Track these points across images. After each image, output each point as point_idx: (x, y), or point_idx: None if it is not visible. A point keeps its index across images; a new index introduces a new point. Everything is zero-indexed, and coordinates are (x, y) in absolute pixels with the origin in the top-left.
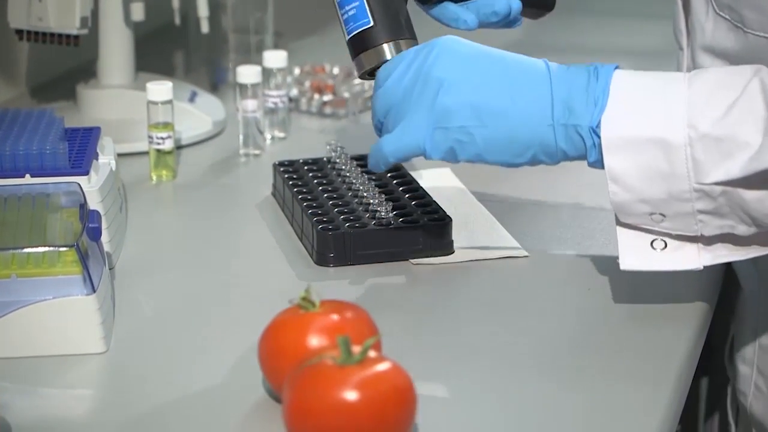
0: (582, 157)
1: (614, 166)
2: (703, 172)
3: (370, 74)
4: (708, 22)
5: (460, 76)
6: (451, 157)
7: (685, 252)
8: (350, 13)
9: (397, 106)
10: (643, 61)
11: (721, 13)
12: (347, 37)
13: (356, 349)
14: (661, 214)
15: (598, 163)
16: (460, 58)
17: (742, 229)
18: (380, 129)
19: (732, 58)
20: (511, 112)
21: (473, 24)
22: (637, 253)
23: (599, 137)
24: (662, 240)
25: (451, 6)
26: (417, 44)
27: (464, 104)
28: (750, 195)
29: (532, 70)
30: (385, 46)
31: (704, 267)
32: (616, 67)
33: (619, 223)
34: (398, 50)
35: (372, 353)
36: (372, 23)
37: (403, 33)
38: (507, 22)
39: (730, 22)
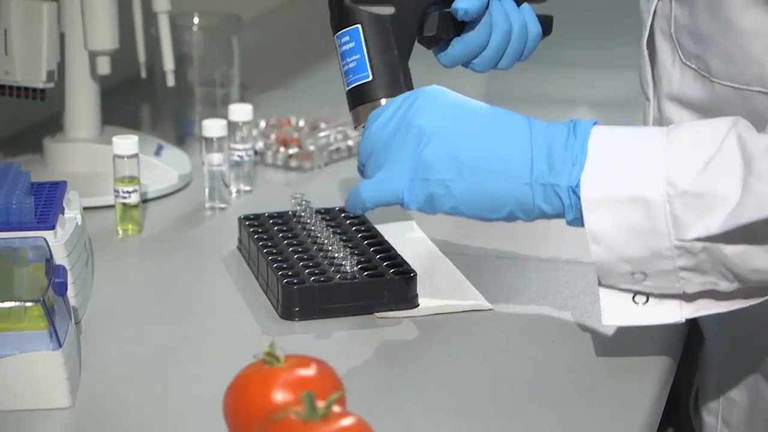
0: (560, 215)
1: (595, 226)
2: (683, 229)
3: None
4: (675, 72)
5: (441, 127)
6: (428, 208)
7: (666, 306)
8: (351, 65)
9: (378, 151)
10: (611, 111)
11: (687, 63)
12: (346, 88)
13: (321, 404)
14: (643, 273)
15: (577, 221)
16: (443, 109)
17: (724, 286)
18: (362, 172)
19: (698, 108)
20: (490, 168)
21: (449, 64)
22: (619, 308)
23: (578, 197)
24: (644, 294)
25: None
26: None
27: (444, 157)
28: (731, 250)
29: (513, 125)
30: (383, 101)
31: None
32: (595, 123)
33: (601, 282)
34: None
35: (336, 408)
36: (371, 78)
37: (401, 89)
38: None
39: (697, 71)
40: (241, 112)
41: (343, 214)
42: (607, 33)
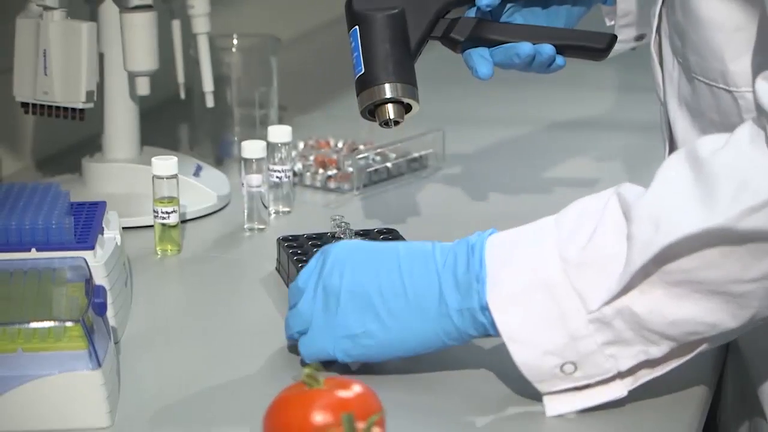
0: (487, 334)
1: (507, 325)
2: (588, 300)
3: (370, 113)
4: (674, 71)
5: (352, 284)
6: (365, 360)
7: (608, 386)
8: (354, 60)
9: (301, 308)
10: (634, 134)
11: (678, 59)
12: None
13: (360, 425)
14: (572, 363)
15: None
16: (351, 265)
17: (654, 351)
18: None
19: (690, 107)
20: (407, 309)
21: (485, 75)
22: (562, 398)
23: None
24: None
25: (474, 53)
26: (409, 87)
27: (361, 312)
28: (640, 308)
29: (421, 262)
30: (375, 89)
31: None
32: (493, 233)
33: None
34: (382, 93)
35: (376, 430)
36: (363, 71)
37: (390, 79)
38: (540, 64)
39: (681, 67)
40: (280, 133)
41: (381, 236)
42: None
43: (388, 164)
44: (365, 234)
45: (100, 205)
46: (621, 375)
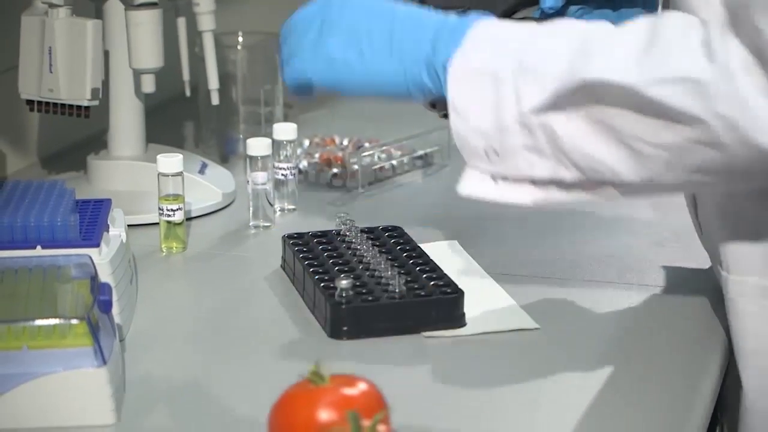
0: (440, 91)
1: (454, 96)
2: (522, 102)
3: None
4: None
5: (348, 20)
6: (335, 87)
7: (519, 188)
8: None
9: (292, 38)
10: None
11: None
12: None
13: (366, 423)
14: (495, 151)
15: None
16: (352, 4)
17: (564, 173)
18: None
19: None
20: (388, 49)
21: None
22: (476, 183)
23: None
24: (501, 178)
25: None
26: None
27: (348, 43)
28: (560, 130)
29: (410, 16)
30: None
31: None
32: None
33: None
34: None
35: (381, 428)
36: None
37: None
38: None
39: None
40: (285, 130)
41: (387, 234)
42: None
43: (394, 162)
44: (370, 231)
45: (105, 203)
46: (534, 183)
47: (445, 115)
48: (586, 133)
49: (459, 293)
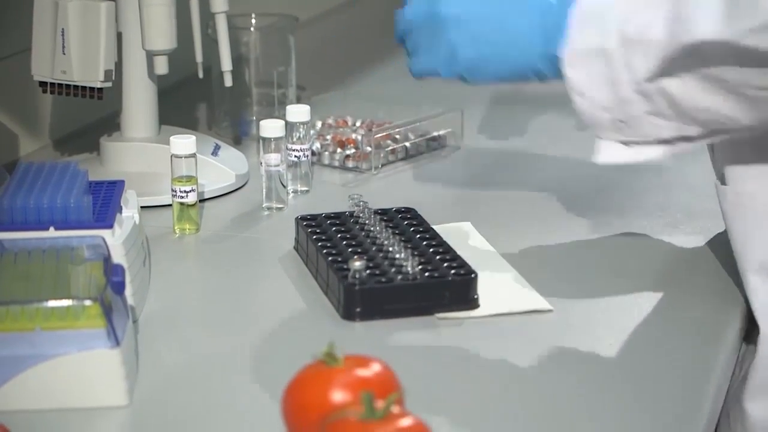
0: (557, 75)
1: (571, 78)
2: (635, 72)
3: None
4: None
5: (460, 13)
6: (462, 78)
7: (650, 147)
8: None
9: (415, 34)
10: None
11: None
12: None
13: (379, 404)
14: (622, 121)
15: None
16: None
17: (688, 130)
18: (403, 43)
19: None
20: (506, 43)
21: None
22: (610, 151)
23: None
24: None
25: None
26: None
27: (467, 38)
28: (676, 91)
29: (520, 6)
30: None
31: None
32: None
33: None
34: None
35: (395, 408)
36: None
37: None
38: None
39: None
40: (298, 112)
41: (400, 215)
42: None
43: (407, 144)
44: (383, 213)
45: (118, 184)
46: (662, 142)
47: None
48: (699, 90)
49: (472, 275)
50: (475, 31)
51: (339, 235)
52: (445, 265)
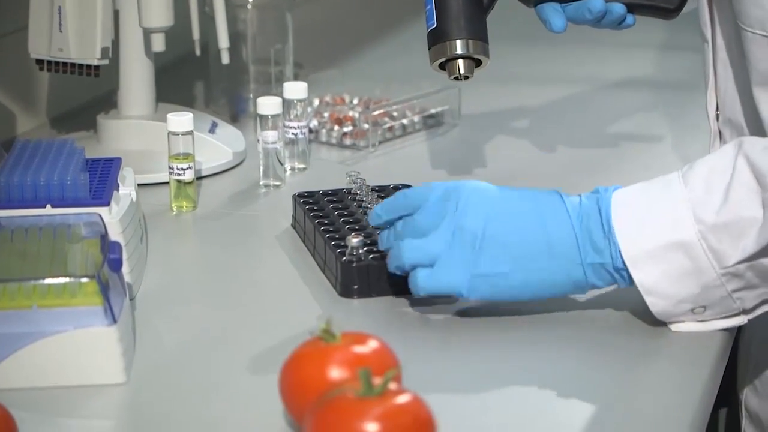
0: (611, 285)
1: (644, 280)
2: (723, 258)
3: (440, 66)
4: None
5: (490, 227)
6: (490, 298)
7: (730, 318)
8: (426, 13)
9: (432, 251)
10: (666, 92)
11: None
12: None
13: (377, 381)
14: (702, 306)
15: (629, 284)
16: (486, 207)
17: None
18: (395, 235)
19: (734, 57)
20: (543, 255)
21: (559, 28)
22: (687, 324)
23: (626, 270)
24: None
25: (548, 7)
26: (480, 44)
27: (499, 254)
28: None
29: (552, 209)
30: (447, 44)
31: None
32: (616, 188)
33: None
34: (454, 49)
35: (393, 385)
36: (435, 25)
37: (461, 35)
38: (611, 22)
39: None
40: (295, 89)
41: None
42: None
43: (404, 121)
44: (381, 190)
45: (115, 162)
46: (744, 312)
47: (456, 78)
48: None
49: None
50: (511, 246)
51: (336, 213)
52: None
